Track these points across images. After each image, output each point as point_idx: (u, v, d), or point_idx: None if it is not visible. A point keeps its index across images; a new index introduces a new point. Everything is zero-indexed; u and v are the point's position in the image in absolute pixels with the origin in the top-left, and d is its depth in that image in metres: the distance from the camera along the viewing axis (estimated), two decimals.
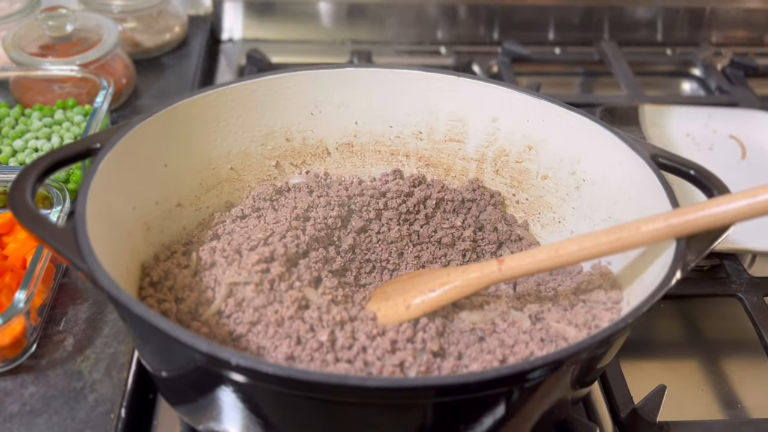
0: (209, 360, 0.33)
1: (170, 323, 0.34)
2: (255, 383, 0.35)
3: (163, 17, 0.81)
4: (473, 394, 0.35)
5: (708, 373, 0.58)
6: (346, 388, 0.32)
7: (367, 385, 0.32)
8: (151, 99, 0.75)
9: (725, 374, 0.58)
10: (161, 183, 0.49)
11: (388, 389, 0.32)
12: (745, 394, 0.56)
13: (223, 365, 0.33)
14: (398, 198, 0.56)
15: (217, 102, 0.50)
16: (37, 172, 0.41)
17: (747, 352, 0.59)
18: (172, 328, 0.34)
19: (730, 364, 0.59)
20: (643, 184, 0.47)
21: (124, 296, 0.35)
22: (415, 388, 0.33)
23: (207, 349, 0.33)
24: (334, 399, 0.34)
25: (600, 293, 0.47)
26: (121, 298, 0.34)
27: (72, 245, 0.37)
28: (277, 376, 0.33)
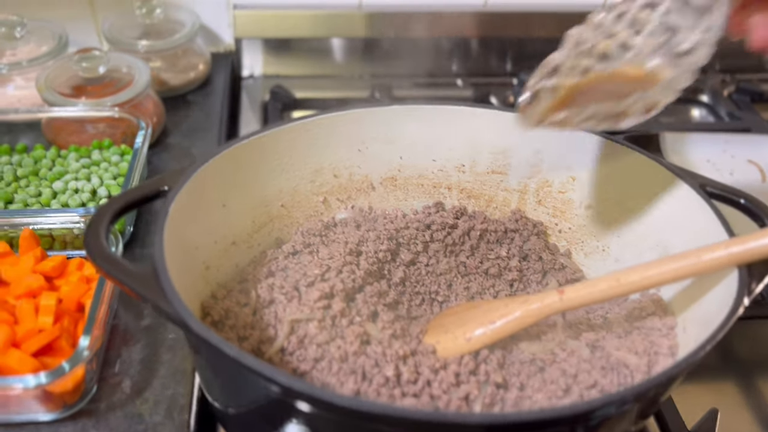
0: (319, 403, 0.33)
1: (257, 360, 0.35)
2: (343, 420, 0.35)
3: (188, 56, 0.82)
4: (564, 426, 0.35)
5: (748, 395, 0.59)
6: (446, 425, 0.33)
7: (467, 421, 0.33)
8: (181, 137, 0.75)
9: (765, 395, 0.59)
10: (219, 222, 0.50)
11: (490, 425, 0.33)
12: None
13: (322, 405, 0.33)
14: (443, 230, 0.57)
15: (272, 142, 0.51)
16: (111, 214, 0.41)
17: None
18: (262, 365, 0.34)
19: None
20: (693, 212, 0.48)
21: (215, 338, 0.35)
22: (521, 423, 0.33)
23: (323, 395, 0.33)
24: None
25: (654, 320, 0.48)
26: (212, 340, 0.35)
27: (154, 288, 0.38)
28: (377, 414, 0.33)
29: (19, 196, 0.60)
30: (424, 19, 0.89)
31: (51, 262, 0.53)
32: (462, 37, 0.91)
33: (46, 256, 0.54)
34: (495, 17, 0.90)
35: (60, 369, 0.44)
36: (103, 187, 0.61)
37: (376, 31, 0.89)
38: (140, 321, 0.55)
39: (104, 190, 0.61)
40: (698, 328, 0.45)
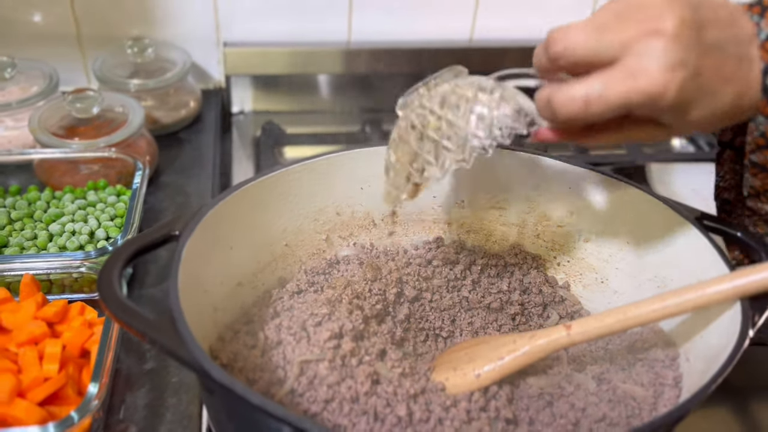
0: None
1: (285, 409, 0.35)
2: None
3: (179, 93, 0.82)
4: None
5: (742, 420, 0.60)
6: None
7: None
8: (175, 175, 0.75)
9: (759, 420, 0.60)
10: (226, 264, 0.50)
11: None
12: None
13: None
14: (445, 266, 0.57)
15: (278, 183, 0.52)
16: (122, 261, 0.41)
17: None
18: (294, 416, 0.34)
19: (763, 410, 0.61)
20: (690, 245, 0.49)
21: (240, 387, 0.35)
22: None
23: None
24: None
25: (657, 351, 0.50)
26: (236, 389, 0.35)
27: (173, 337, 0.37)
28: None
29: (14, 239, 0.59)
30: (410, 55, 0.91)
31: (53, 307, 0.52)
32: None
33: (46, 302, 0.53)
34: (481, 52, 0.92)
35: (69, 419, 0.43)
36: (101, 228, 0.61)
37: (364, 67, 0.90)
38: (143, 365, 0.54)
39: (102, 231, 0.61)
40: (702, 359, 0.46)
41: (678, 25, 0.36)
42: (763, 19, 0.40)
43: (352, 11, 0.88)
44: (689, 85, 0.37)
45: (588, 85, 0.37)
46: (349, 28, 0.89)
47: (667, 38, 0.36)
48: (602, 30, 0.37)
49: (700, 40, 0.37)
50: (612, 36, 0.37)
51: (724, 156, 0.50)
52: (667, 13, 0.36)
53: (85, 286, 0.57)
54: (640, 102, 0.37)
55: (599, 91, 0.37)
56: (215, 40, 0.88)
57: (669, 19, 0.36)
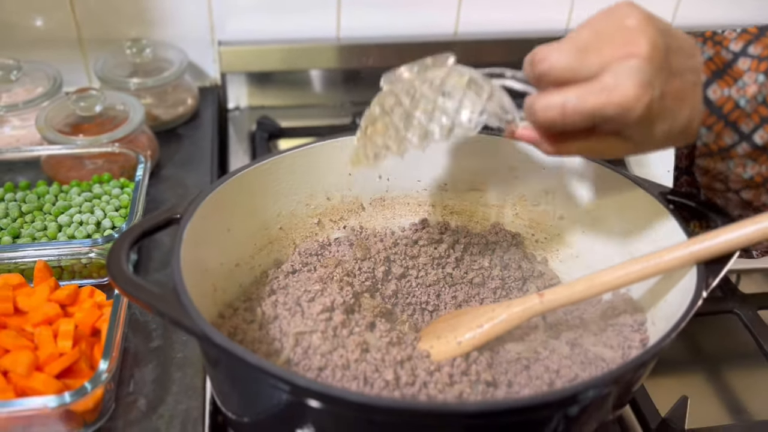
0: (334, 401, 0.37)
1: (277, 366, 0.39)
2: (353, 415, 0.39)
3: (177, 91, 0.86)
4: (551, 410, 0.40)
5: (714, 385, 0.64)
6: (447, 414, 0.37)
7: (465, 410, 0.37)
8: (175, 168, 0.79)
9: (729, 384, 0.64)
10: (225, 246, 0.53)
11: (483, 412, 0.37)
12: (750, 400, 0.62)
13: (339, 403, 0.37)
14: (430, 245, 0.61)
15: (272, 169, 0.55)
16: (129, 242, 0.45)
17: (747, 363, 0.66)
18: (284, 371, 0.38)
19: (733, 374, 0.65)
20: (654, 218, 0.53)
21: (239, 349, 0.39)
22: (513, 409, 0.37)
23: (354, 396, 0.37)
24: (428, 424, 0.39)
25: (626, 317, 0.53)
26: (235, 350, 0.39)
27: (176, 307, 0.41)
28: (386, 407, 0.37)
29: (25, 230, 0.63)
30: (397, 49, 0.95)
31: (65, 291, 0.56)
32: None
33: (58, 286, 0.57)
34: (465, 45, 0.96)
35: (83, 389, 0.47)
36: (107, 218, 0.65)
37: (354, 62, 0.94)
38: (149, 343, 0.58)
39: (108, 221, 0.65)
40: (665, 321, 0.49)
41: (651, 49, 0.41)
42: (705, 45, 0.46)
43: (341, 8, 0.91)
44: (655, 103, 0.41)
45: (565, 96, 0.42)
46: (338, 24, 0.93)
47: (641, 59, 0.40)
48: (583, 51, 0.41)
49: (667, 64, 0.42)
50: (592, 58, 0.41)
51: (680, 180, 0.55)
52: (641, 37, 0.41)
53: (94, 272, 0.61)
54: (612, 113, 0.41)
55: (575, 101, 0.41)
56: (210, 40, 0.91)
57: (643, 43, 0.41)
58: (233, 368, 0.43)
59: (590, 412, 0.43)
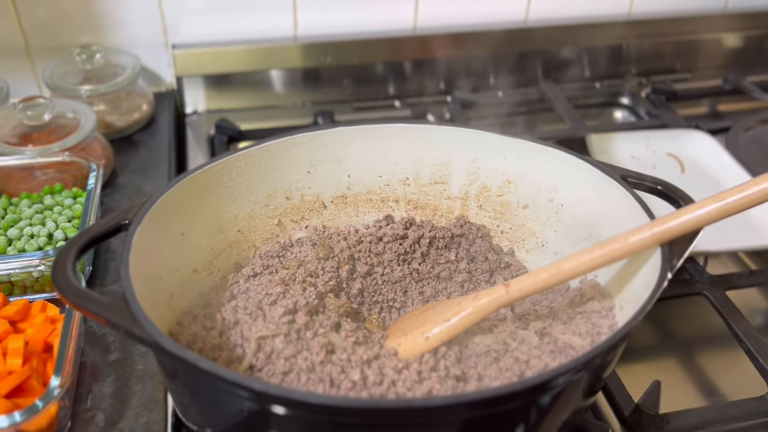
0: (296, 405, 0.36)
1: (233, 371, 0.37)
2: (318, 419, 0.38)
3: (131, 97, 0.84)
4: (521, 401, 0.39)
5: (686, 368, 0.64)
6: (414, 411, 0.36)
7: (432, 405, 0.36)
8: (131, 176, 0.77)
9: (701, 366, 0.64)
10: (180, 251, 0.52)
11: (450, 406, 0.36)
12: (722, 381, 0.62)
13: (300, 406, 0.36)
14: (395, 241, 0.60)
15: (224, 171, 0.54)
16: (75, 251, 0.43)
17: (717, 344, 0.66)
18: (239, 376, 0.36)
19: (704, 356, 0.65)
20: (617, 201, 0.53)
21: (192, 356, 0.37)
22: (482, 401, 0.36)
23: (301, 397, 0.36)
24: (396, 423, 0.38)
25: (594, 304, 0.53)
26: (188, 357, 0.37)
27: (126, 315, 0.39)
28: (352, 407, 0.36)
29: None
30: (357, 46, 0.93)
31: (14, 306, 0.53)
32: (396, 61, 0.96)
33: (8, 302, 0.55)
34: (425, 40, 0.95)
35: (33, 407, 0.45)
36: (60, 230, 0.62)
37: (313, 60, 0.93)
38: (108, 356, 0.56)
39: (60, 233, 0.62)
40: (633, 306, 0.49)
41: None
42: None
43: (297, 6, 0.90)
44: None
45: None
46: (294, 23, 0.91)
47: None
48: None
49: None
50: None
51: None
52: None
53: (47, 286, 0.58)
54: None
55: None
56: (164, 43, 0.89)
57: None
58: (189, 377, 0.41)
59: (562, 400, 0.43)
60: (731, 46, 1.08)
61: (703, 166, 0.81)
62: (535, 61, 1.01)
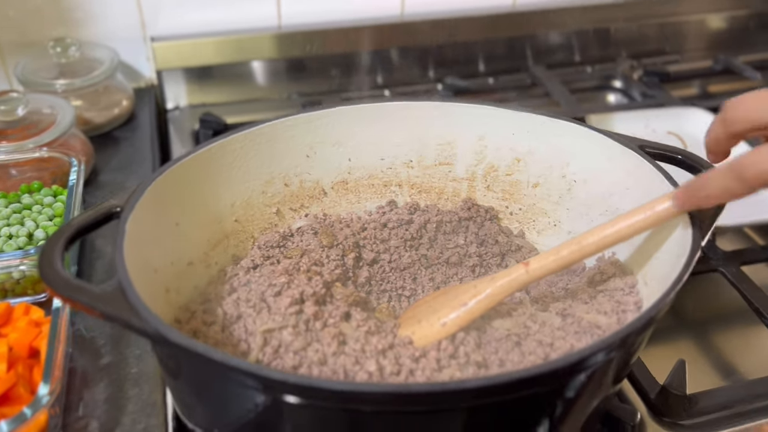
0: (317, 393, 0.32)
1: (246, 362, 0.34)
2: (340, 406, 0.34)
3: (109, 92, 0.80)
4: (559, 380, 0.36)
5: (705, 347, 0.62)
6: (449, 394, 0.33)
7: (467, 387, 0.33)
8: (113, 173, 0.73)
9: (720, 345, 0.62)
10: (174, 243, 0.48)
11: (487, 387, 0.33)
12: (744, 359, 0.60)
13: (326, 396, 0.32)
14: (400, 227, 0.57)
15: (219, 155, 0.50)
16: (64, 240, 0.39)
17: (733, 322, 0.64)
18: (255, 366, 0.33)
19: (722, 335, 0.63)
20: (635, 173, 0.50)
21: (200, 346, 0.33)
22: (513, 382, 0.33)
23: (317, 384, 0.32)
24: (428, 409, 0.35)
25: (616, 281, 0.50)
26: (197, 349, 0.33)
27: (124, 305, 0.36)
28: (375, 393, 0.32)
29: None
30: (343, 34, 0.90)
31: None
32: (383, 49, 0.93)
33: None
34: (412, 26, 0.92)
35: (21, 415, 0.41)
36: (40, 229, 0.58)
37: (298, 50, 0.89)
38: (98, 360, 0.52)
39: (41, 232, 0.58)
40: (658, 280, 0.46)
41: None
42: None
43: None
44: None
45: None
46: (278, 12, 0.88)
47: None
48: None
49: None
50: None
51: None
52: None
53: (29, 288, 0.54)
54: None
55: None
56: (142, 37, 0.85)
57: None
58: (196, 371, 0.37)
59: (594, 383, 0.40)
60: (717, 27, 1.07)
61: None
62: (525, 46, 0.99)
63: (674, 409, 0.51)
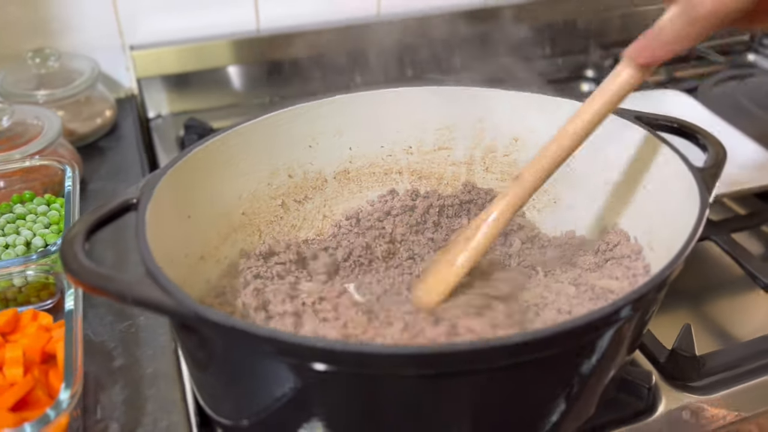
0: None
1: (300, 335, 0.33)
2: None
3: (91, 103, 0.78)
4: (594, 333, 0.36)
5: (703, 315, 0.64)
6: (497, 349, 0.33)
7: (508, 342, 0.33)
8: (103, 182, 0.71)
9: (717, 312, 0.63)
10: (187, 235, 0.47)
11: (527, 342, 0.33)
12: (743, 323, 0.62)
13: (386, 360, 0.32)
14: (404, 213, 0.57)
15: (223, 147, 0.50)
16: (84, 231, 0.39)
17: (728, 289, 0.66)
18: (309, 338, 0.33)
19: (717, 301, 0.65)
20: (633, 143, 0.52)
21: (244, 324, 0.33)
22: (549, 337, 0.34)
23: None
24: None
25: (621, 248, 0.51)
26: (240, 326, 0.33)
27: (156, 289, 0.35)
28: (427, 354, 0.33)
29: None
30: (321, 36, 0.91)
31: (2, 317, 0.48)
32: (362, 49, 0.94)
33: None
34: (390, 26, 0.94)
35: (45, 417, 0.40)
36: (38, 237, 0.57)
37: (279, 53, 0.89)
38: (111, 363, 0.51)
39: (39, 240, 0.57)
40: (663, 246, 0.48)
41: None
42: None
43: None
44: None
45: None
46: (256, 16, 0.88)
47: None
48: None
49: None
50: None
51: None
52: None
53: (32, 296, 0.53)
54: None
55: None
56: (120, 46, 0.84)
57: None
58: (230, 354, 0.37)
59: (618, 342, 0.41)
60: None
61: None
62: (498, 40, 1.01)
63: (685, 371, 0.53)
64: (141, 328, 0.54)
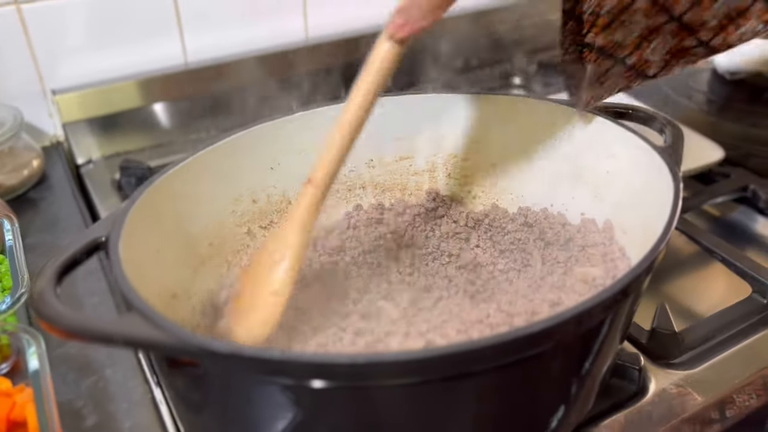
0: None
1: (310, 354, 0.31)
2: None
3: (15, 154, 0.73)
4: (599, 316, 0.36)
5: (667, 294, 0.65)
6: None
7: (534, 331, 0.32)
8: (40, 234, 0.67)
9: (678, 290, 0.65)
10: (158, 272, 0.44)
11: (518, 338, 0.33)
12: (704, 298, 0.64)
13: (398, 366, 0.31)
14: (369, 227, 0.57)
15: (186, 174, 0.48)
16: (54, 275, 0.36)
17: (684, 266, 0.68)
18: (344, 356, 0.31)
19: (677, 280, 0.67)
20: (587, 129, 0.52)
21: (250, 350, 0.31)
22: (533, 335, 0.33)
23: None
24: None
25: (593, 236, 0.52)
26: (249, 353, 0.31)
27: (148, 326, 0.32)
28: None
29: None
30: (252, 64, 0.89)
31: None
32: (292, 73, 0.92)
33: None
34: (319, 48, 0.93)
35: None
36: None
37: (209, 86, 0.87)
38: (82, 423, 0.47)
39: None
40: (637, 229, 0.49)
41: None
42: None
43: (183, 31, 0.84)
44: None
45: None
46: (183, 49, 0.86)
47: None
48: None
49: None
50: None
51: (567, 27, 0.53)
52: None
53: None
54: None
55: None
56: (41, 91, 0.80)
57: None
58: (238, 385, 0.34)
59: (616, 326, 0.41)
60: None
61: None
62: (425, 56, 1.03)
63: (669, 348, 0.54)
64: (110, 382, 0.50)
